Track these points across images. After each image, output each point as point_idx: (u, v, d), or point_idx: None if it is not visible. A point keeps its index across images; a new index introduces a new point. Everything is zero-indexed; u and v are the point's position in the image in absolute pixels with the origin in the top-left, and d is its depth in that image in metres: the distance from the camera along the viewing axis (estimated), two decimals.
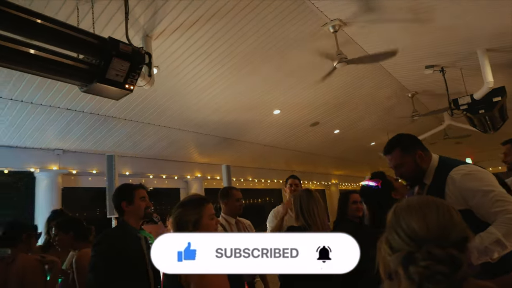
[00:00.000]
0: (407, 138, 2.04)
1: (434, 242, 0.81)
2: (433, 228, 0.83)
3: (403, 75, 6.16)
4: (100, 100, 4.56)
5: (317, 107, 6.77)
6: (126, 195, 2.40)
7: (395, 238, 0.87)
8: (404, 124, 8.12)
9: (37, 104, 4.39)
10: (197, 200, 1.77)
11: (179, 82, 4.77)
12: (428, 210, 0.87)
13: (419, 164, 1.93)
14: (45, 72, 2.61)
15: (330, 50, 4.34)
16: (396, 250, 0.86)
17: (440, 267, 0.78)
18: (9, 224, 2.68)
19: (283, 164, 10.00)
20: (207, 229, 1.68)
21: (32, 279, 2.48)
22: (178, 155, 7.16)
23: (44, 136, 5.13)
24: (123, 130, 5.56)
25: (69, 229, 2.68)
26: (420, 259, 0.80)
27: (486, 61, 4.82)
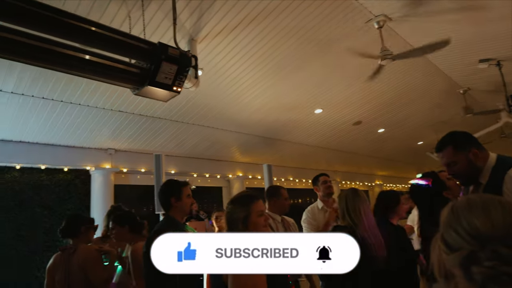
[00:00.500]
0: (460, 135, 1.95)
1: (499, 241, 0.76)
2: (498, 226, 0.79)
3: (454, 70, 5.84)
4: (149, 102, 4.80)
5: (360, 106, 6.62)
6: (175, 191, 2.45)
7: (453, 236, 0.83)
8: (455, 122, 7.69)
9: (92, 107, 4.71)
10: (245, 197, 1.76)
11: (222, 83, 4.89)
12: (493, 208, 0.82)
13: (473, 162, 1.82)
14: (101, 76, 2.79)
15: (374, 47, 4.23)
16: (454, 249, 0.82)
17: (506, 268, 0.74)
18: (70, 217, 2.93)
19: (324, 164, 9.87)
20: (256, 227, 1.66)
21: (92, 267, 2.69)
22: (220, 154, 7.32)
23: (99, 136, 5.50)
24: (169, 130, 5.80)
25: (125, 222, 2.83)
26: (484, 258, 0.75)
27: None
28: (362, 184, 12.25)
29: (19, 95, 4.15)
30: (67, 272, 2.70)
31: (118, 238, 2.89)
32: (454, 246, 0.82)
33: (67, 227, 2.83)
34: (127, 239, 2.84)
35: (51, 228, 5.24)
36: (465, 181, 1.94)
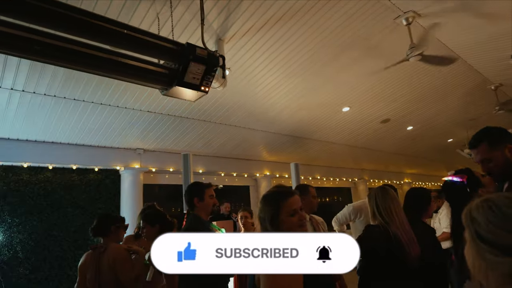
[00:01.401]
0: (495, 131, 1.88)
1: None
2: None
3: (486, 66, 5.61)
4: (177, 102, 4.84)
5: (388, 103, 6.43)
6: (198, 192, 2.61)
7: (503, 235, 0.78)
8: (486, 119, 7.35)
9: (122, 108, 4.80)
10: (274, 194, 1.56)
11: (249, 82, 4.86)
12: None
13: (509, 159, 1.76)
14: (130, 77, 2.82)
15: (403, 44, 4.08)
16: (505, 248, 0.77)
17: None
18: (101, 216, 2.96)
19: (352, 162, 9.69)
20: (287, 227, 1.48)
21: (121, 266, 2.72)
22: (247, 153, 7.31)
23: (128, 137, 5.61)
24: (196, 130, 5.84)
25: (156, 222, 2.84)
26: None
27: None
28: (390, 182, 11.94)
29: (52, 97, 4.28)
30: (98, 270, 2.75)
31: (149, 237, 2.90)
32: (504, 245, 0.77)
33: (98, 226, 2.87)
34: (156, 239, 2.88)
35: (83, 227, 5.40)
36: (500, 178, 1.86)
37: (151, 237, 2.88)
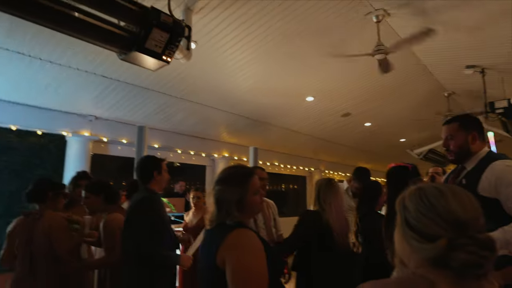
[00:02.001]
0: (470, 118, 2.10)
1: (473, 227, 0.80)
2: (470, 213, 0.82)
3: (442, 74, 5.95)
4: (136, 71, 4.54)
5: (351, 98, 6.55)
6: (157, 165, 2.54)
7: (426, 223, 0.83)
8: (437, 124, 7.74)
9: (74, 69, 4.43)
10: (241, 175, 1.54)
11: (215, 59, 4.69)
12: (460, 195, 0.86)
13: (469, 144, 1.97)
14: (86, 36, 2.58)
15: (371, 40, 4.13)
16: (429, 236, 0.82)
17: (485, 252, 0.78)
18: (37, 181, 2.76)
19: (311, 152, 9.85)
20: (251, 205, 1.51)
21: (58, 235, 2.55)
22: (207, 132, 7.16)
23: (79, 101, 5.22)
24: (156, 102, 5.57)
25: (100, 191, 2.71)
26: (464, 245, 0.78)
27: None
28: (345, 175, 12.35)
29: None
30: (30, 238, 2.56)
31: (92, 208, 2.76)
32: (428, 233, 0.82)
33: (33, 190, 2.67)
34: (102, 209, 2.72)
35: (17, 194, 4.95)
36: (453, 157, 2.05)
37: (95, 207, 2.76)
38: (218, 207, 1.50)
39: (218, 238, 1.41)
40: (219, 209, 1.49)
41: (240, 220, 1.47)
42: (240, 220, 1.47)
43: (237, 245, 1.38)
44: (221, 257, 1.37)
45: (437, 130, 2.15)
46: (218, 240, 1.41)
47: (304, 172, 10.43)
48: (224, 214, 1.47)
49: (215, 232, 1.48)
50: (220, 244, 1.38)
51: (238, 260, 1.35)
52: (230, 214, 1.46)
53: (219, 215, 1.48)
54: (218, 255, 1.37)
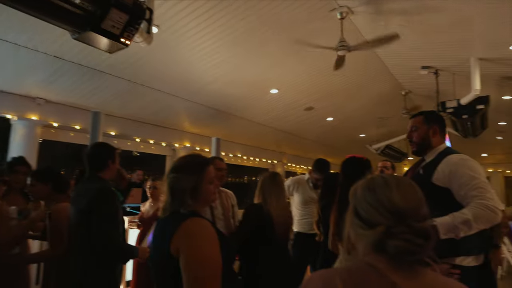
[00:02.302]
0: (434, 115, 2.28)
1: (412, 216, 0.85)
2: (411, 203, 0.87)
3: (400, 73, 6.20)
4: (92, 52, 4.25)
5: (314, 92, 6.63)
6: (111, 153, 2.42)
7: (370, 212, 0.89)
8: (394, 120, 8.09)
9: (22, 47, 4.06)
10: (197, 164, 1.55)
11: (178, 46, 4.51)
12: (404, 186, 0.91)
13: (429, 137, 2.12)
14: (36, 11, 2.35)
15: (335, 36, 4.17)
16: (371, 223, 0.88)
17: (419, 240, 0.82)
18: None
19: (274, 145, 9.90)
20: (205, 194, 1.52)
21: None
22: (168, 121, 6.94)
23: (26, 82, 4.82)
24: (113, 87, 5.28)
25: (48, 179, 2.57)
26: (400, 232, 0.83)
27: (476, 69, 5.05)
28: (307, 168, 12.58)
29: None
30: None
31: (38, 196, 2.62)
32: (370, 220, 0.88)
33: None
34: (49, 198, 2.57)
35: None
36: (416, 149, 2.21)
37: (42, 196, 2.61)
38: (172, 195, 1.49)
39: (171, 227, 1.40)
40: (173, 197, 1.48)
41: (194, 209, 1.47)
42: (194, 209, 1.47)
43: (191, 234, 1.38)
44: (175, 246, 1.36)
45: (394, 127, 2.25)
46: (171, 228, 1.40)
47: (267, 164, 10.48)
48: (178, 202, 1.47)
49: (169, 221, 1.46)
50: (173, 232, 1.38)
51: (191, 248, 1.35)
52: (184, 203, 1.46)
53: (173, 204, 1.48)
54: (171, 244, 1.36)
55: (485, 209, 1.78)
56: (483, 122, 6.00)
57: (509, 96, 6.55)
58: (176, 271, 1.34)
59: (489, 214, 1.77)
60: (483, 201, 1.80)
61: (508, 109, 7.20)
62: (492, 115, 6.29)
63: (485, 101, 5.36)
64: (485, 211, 1.78)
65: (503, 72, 5.48)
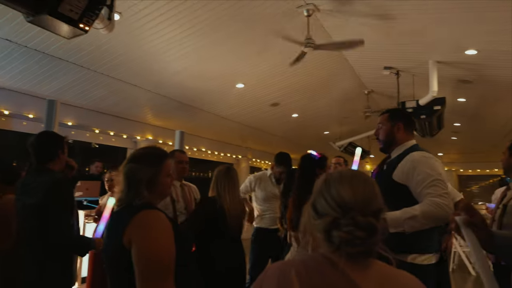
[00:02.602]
0: (399, 112, 2.38)
1: (358, 210, 0.89)
2: (359, 197, 0.91)
3: (364, 72, 6.37)
4: (49, 37, 4.03)
5: (280, 88, 6.68)
6: (62, 143, 2.35)
7: (323, 204, 0.94)
8: (357, 118, 8.35)
9: None
10: (157, 156, 1.56)
11: (142, 35, 4.37)
12: (357, 181, 0.95)
13: (394, 133, 2.18)
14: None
15: (301, 33, 4.24)
16: (322, 215, 0.93)
17: (359, 233, 0.87)
18: None
19: (238, 140, 9.89)
20: (161, 188, 1.54)
21: None
22: (130, 113, 6.71)
23: None
24: (71, 75, 5.02)
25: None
26: (344, 224, 0.88)
27: (434, 71, 5.29)
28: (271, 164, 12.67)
29: None
30: None
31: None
32: (322, 212, 0.93)
33: None
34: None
35: None
36: (381, 145, 2.27)
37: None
38: (128, 186, 1.48)
39: (125, 218, 1.40)
40: (129, 188, 1.48)
41: (149, 201, 1.48)
42: (148, 201, 1.48)
43: (144, 225, 1.38)
44: (128, 237, 1.35)
45: (357, 125, 2.34)
46: (125, 220, 1.39)
47: (232, 159, 10.46)
48: (134, 193, 1.46)
49: (123, 212, 1.46)
50: (127, 224, 1.37)
51: (144, 240, 1.35)
52: (140, 194, 1.46)
53: (128, 195, 1.47)
54: (124, 235, 1.36)
55: (435, 207, 1.82)
56: (439, 122, 6.27)
57: (463, 98, 6.91)
58: (129, 263, 1.33)
59: (438, 212, 1.81)
60: (435, 199, 1.84)
61: (462, 110, 7.59)
62: (448, 116, 6.60)
63: (442, 102, 5.60)
64: (435, 208, 1.82)
65: (458, 75, 5.77)
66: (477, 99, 6.91)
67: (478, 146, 10.84)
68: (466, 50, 4.88)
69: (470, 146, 10.81)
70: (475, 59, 5.10)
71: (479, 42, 4.64)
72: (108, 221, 1.58)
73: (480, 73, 5.62)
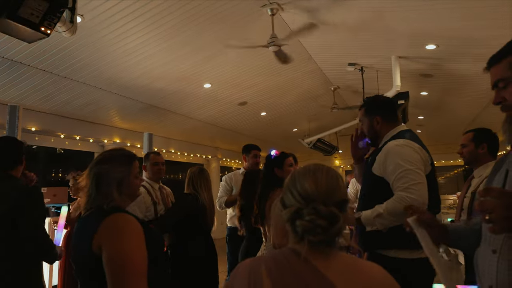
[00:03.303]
0: (374, 102, 2.21)
1: (320, 201, 0.94)
2: (321, 189, 0.96)
3: (329, 69, 6.51)
4: (8, 41, 3.96)
5: (247, 87, 6.77)
6: (22, 148, 2.35)
7: (289, 197, 0.99)
8: (324, 115, 8.59)
9: None
10: (126, 157, 1.56)
11: (105, 37, 4.36)
12: (320, 174, 0.99)
13: (374, 127, 2.10)
14: None
15: (265, 33, 4.35)
16: (288, 207, 0.98)
17: (321, 221, 0.91)
18: None
19: (208, 140, 9.91)
20: (131, 188, 1.53)
21: None
22: (96, 116, 6.60)
23: None
24: (33, 80, 4.91)
25: None
26: (306, 214, 0.93)
27: (397, 66, 5.46)
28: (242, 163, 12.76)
29: None
30: None
31: None
32: (288, 204, 0.99)
33: None
34: None
35: None
36: (370, 141, 2.21)
37: None
38: (97, 188, 1.45)
39: (94, 223, 1.35)
40: (98, 191, 1.44)
41: (118, 205, 1.45)
42: (118, 205, 1.45)
43: (114, 229, 1.34)
44: (97, 243, 1.32)
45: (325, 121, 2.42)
46: (94, 225, 1.35)
47: (202, 160, 10.49)
48: (103, 196, 1.43)
49: (90, 218, 1.42)
50: (96, 229, 1.33)
51: (114, 245, 1.31)
52: (109, 196, 1.43)
53: (98, 198, 1.44)
54: (93, 241, 1.32)
55: (399, 202, 1.72)
56: (404, 116, 6.34)
57: (425, 92, 7.12)
58: (100, 269, 1.29)
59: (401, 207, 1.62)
60: (400, 193, 1.74)
61: (425, 104, 7.81)
62: (411, 110, 6.72)
63: (405, 96, 5.69)
64: (399, 203, 1.70)
65: (420, 69, 5.95)
66: (439, 92, 7.14)
67: (441, 138, 11.19)
68: (426, 45, 4.98)
69: (434, 138, 11.25)
70: (435, 53, 5.22)
71: (438, 37, 4.75)
72: (76, 227, 1.50)
73: (440, 67, 5.80)
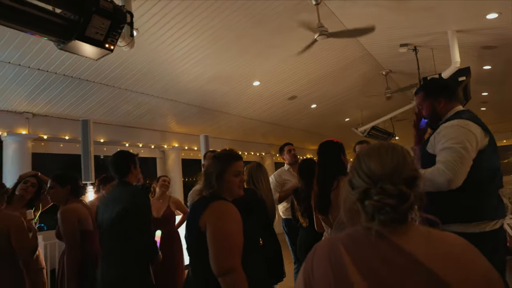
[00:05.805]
0: (433, 84, 2.22)
1: (387, 180, 0.93)
2: (387, 167, 0.95)
3: (379, 53, 6.24)
4: (74, 62, 4.33)
5: (295, 81, 6.72)
6: (133, 159, 2.69)
7: (356, 178, 1.00)
8: (377, 101, 8.26)
9: (4, 62, 4.09)
10: (225, 155, 1.86)
11: (158, 47, 4.59)
12: (385, 152, 0.99)
13: (436, 109, 2.09)
14: (20, 25, 2.41)
15: (311, 23, 4.27)
16: (356, 188, 0.99)
17: (389, 201, 0.91)
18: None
19: (260, 137, 10.01)
20: (229, 185, 1.78)
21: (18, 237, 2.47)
22: (155, 123, 6.99)
23: (12, 98, 4.83)
24: (98, 94, 5.32)
25: (67, 183, 2.77)
26: (374, 194, 0.93)
27: (455, 41, 5.04)
28: None
29: None
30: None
31: (57, 198, 2.79)
32: (356, 185, 0.99)
33: None
34: (64, 201, 2.76)
35: None
36: (430, 123, 2.18)
37: (60, 198, 2.78)
38: (205, 177, 1.82)
39: (201, 207, 1.70)
40: (205, 179, 1.81)
41: (219, 193, 1.76)
42: (218, 193, 1.76)
43: (216, 212, 1.67)
44: (203, 222, 1.64)
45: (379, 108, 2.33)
46: (201, 208, 1.70)
47: (256, 157, 10.61)
48: (207, 184, 1.78)
49: (200, 203, 1.77)
50: (203, 211, 1.67)
51: (216, 224, 1.63)
52: (210, 184, 1.76)
53: (204, 185, 1.80)
54: (200, 220, 1.65)
55: (434, 172, 1.75)
56: (466, 94, 5.94)
57: (489, 65, 6.58)
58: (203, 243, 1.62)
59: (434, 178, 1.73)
60: (440, 166, 1.77)
61: (489, 78, 7.25)
62: (474, 86, 6.27)
63: (467, 72, 5.32)
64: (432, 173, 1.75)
65: (481, 42, 5.50)
66: (504, 64, 6.55)
67: (509, 114, 10.35)
68: (487, 15, 4.62)
69: (500, 116, 10.36)
70: (497, 23, 4.81)
71: (500, 4, 4.37)
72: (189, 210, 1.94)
73: (504, 37, 5.29)
